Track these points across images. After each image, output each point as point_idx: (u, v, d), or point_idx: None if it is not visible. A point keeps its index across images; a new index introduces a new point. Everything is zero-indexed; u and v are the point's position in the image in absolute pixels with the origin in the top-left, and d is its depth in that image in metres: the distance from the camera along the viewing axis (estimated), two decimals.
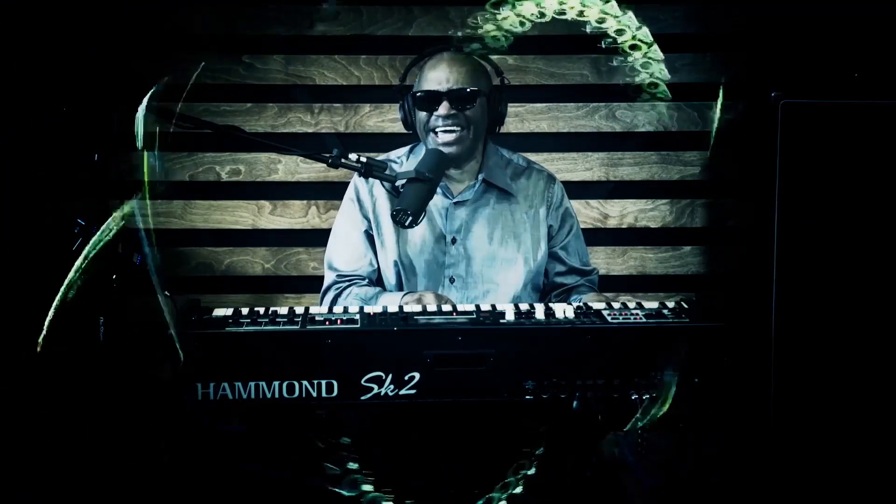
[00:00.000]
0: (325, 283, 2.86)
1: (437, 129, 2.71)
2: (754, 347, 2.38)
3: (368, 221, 2.84)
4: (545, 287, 2.89)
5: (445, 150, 2.69)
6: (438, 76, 2.70)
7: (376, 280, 2.85)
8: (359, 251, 2.84)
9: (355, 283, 2.80)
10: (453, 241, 2.81)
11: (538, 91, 3.56)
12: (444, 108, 2.68)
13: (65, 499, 2.54)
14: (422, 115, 2.73)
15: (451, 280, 2.80)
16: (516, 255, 2.82)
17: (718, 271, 3.56)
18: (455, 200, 2.82)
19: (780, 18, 3.27)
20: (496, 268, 2.81)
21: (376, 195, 2.84)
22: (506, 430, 2.30)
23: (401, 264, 2.80)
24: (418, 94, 2.72)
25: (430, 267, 2.80)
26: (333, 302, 2.80)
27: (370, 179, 2.82)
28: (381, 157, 2.85)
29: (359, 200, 2.86)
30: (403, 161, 2.87)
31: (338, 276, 2.84)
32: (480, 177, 2.82)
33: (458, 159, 2.77)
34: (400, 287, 2.80)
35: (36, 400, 2.89)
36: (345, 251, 2.85)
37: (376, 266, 2.84)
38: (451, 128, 2.70)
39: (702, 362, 2.22)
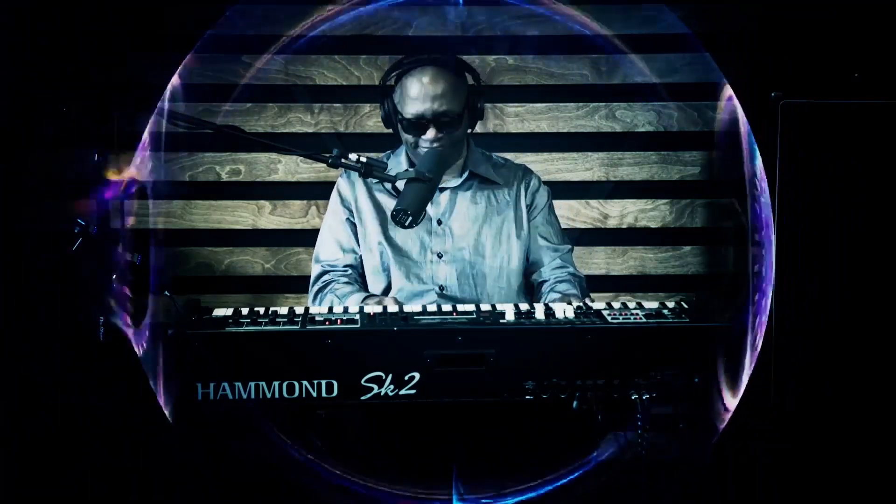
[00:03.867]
0: (312, 277, 2.92)
1: (423, 148, 2.76)
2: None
3: (349, 210, 2.91)
4: (526, 272, 2.93)
5: None
6: (423, 97, 2.72)
7: (361, 270, 2.91)
8: (341, 239, 2.90)
9: (336, 281, 2.86)
10: (439, 222, 2.88)
11: (538, 91, 3.56)
12: (431, 133, 2.73)
13: (64, 499, 2.54)
14: (408, 137, 2.78)
15: (440, 255, 2.86)
16: (500, 232, 2.88)
17: (718, 271, 3.55)
18: (440, 187, 2.87)
19: (780, 18, 3.26)
20: (482, 245, 2.87)
21: (355, 181, 2.91)
22: (505, 431, 2.30)
23: (386, 244, 2.85)
24: (403, 120, 2.76)
25: (418, 247, 2.86)
26: (317, 295, 2.86)
27: (352, 173, 2.87)
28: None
29: (340, 193, 2.94)
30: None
31: (323, 265, 2.90)
32: (467, 171, 2.90)
33: None
34: (386, 270, 2.86)
35: (35, 400, 2.89)
36: (328, 241, 2.93)
37: (359, 254, 2.90)
38: (437, 146, 2.75)
39: (702, 362, 2.22)
